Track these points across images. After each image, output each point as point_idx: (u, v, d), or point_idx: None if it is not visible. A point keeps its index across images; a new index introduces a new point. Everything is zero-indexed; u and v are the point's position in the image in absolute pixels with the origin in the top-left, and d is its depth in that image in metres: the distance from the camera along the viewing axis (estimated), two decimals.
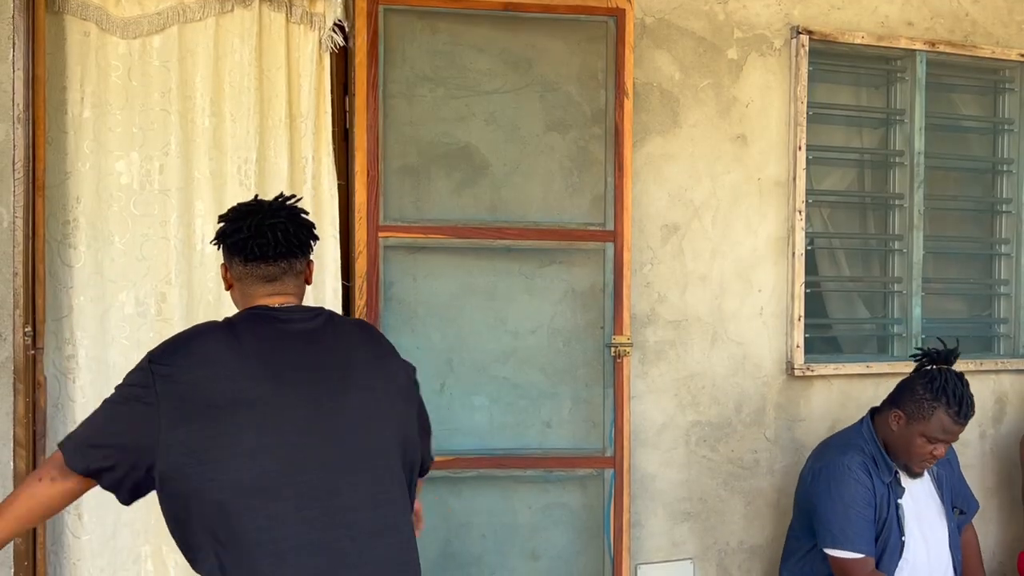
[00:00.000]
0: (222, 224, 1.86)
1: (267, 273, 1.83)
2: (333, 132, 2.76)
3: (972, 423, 3.47)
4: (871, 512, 2.64)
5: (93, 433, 1.71)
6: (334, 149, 2.76)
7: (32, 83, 2.42)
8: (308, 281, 1.92)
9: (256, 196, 1.97)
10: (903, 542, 2.67)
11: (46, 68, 2.47)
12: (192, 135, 2.64)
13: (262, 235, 1.80)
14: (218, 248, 1.89)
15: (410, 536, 1.80)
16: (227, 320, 1.82)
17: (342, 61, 2.81)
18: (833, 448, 2.77)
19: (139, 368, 1.72)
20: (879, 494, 2.66)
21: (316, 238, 1.91)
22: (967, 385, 2.65)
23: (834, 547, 2.64)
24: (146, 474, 1.67)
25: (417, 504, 1.97)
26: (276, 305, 1.83)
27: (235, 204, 1.89)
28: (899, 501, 2.69)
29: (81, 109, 2.57)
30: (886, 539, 2.66)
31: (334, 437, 1.73)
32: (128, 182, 2.61)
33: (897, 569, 2.67)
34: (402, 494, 1.80)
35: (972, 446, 3.42)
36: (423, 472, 1.96)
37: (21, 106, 2.39)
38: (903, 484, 2.72)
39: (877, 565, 2.65)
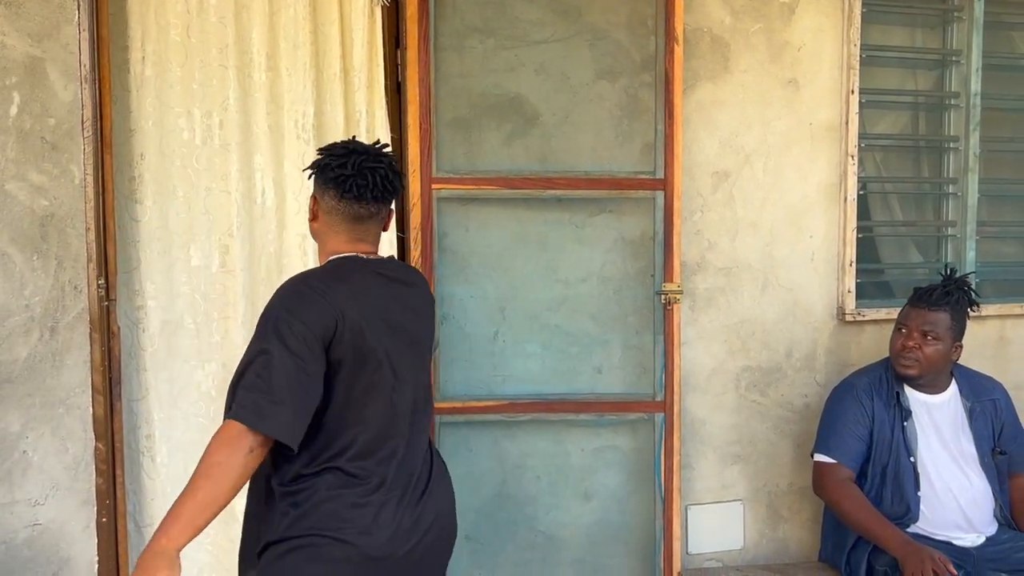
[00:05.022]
0: (323, 157, 1.92)
1: (357, 213, 1.89)
2: (385, 86, 2.80)
3: None
4: (862, 430, 2.76)
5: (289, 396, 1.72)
6: (387, 103, 2.80)
7: (97, 44, 2.49)
8: (386, 228, 2.00)
9: (354, 137, 2.08)
10: (912, 463, 2.73)
11: (109, 28, 2.54)
12: (250, 90, 2.70)
13: (363, 176, 1.86)
14: (310, 178, 1.95)
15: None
16: (337, 268, 1.88)
17: (393, 15, 2.84)
18: (856, 371, 2.94)
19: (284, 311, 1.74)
20: (879, 418, 2.76)
21: (402, 188, 2.03)
22: (952, 284, 2.77)
23: (815, 452, 2.83)
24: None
25: None
26: (364, 256, 1.91)
27: (335, 142, 1.97)
28: (904, 424, 2.75)
29: (143, 68, 2.64)
30: (896, 461, 2.74)
31: (412, 396, 1.92)
32: (189, 137, 2.68)
33: (920, 492, 2.72)
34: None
35: None
36: None
37: (88, 66, 2.46)
38: (912, 408, 2.78)
39: (893, 489, 2.73)
